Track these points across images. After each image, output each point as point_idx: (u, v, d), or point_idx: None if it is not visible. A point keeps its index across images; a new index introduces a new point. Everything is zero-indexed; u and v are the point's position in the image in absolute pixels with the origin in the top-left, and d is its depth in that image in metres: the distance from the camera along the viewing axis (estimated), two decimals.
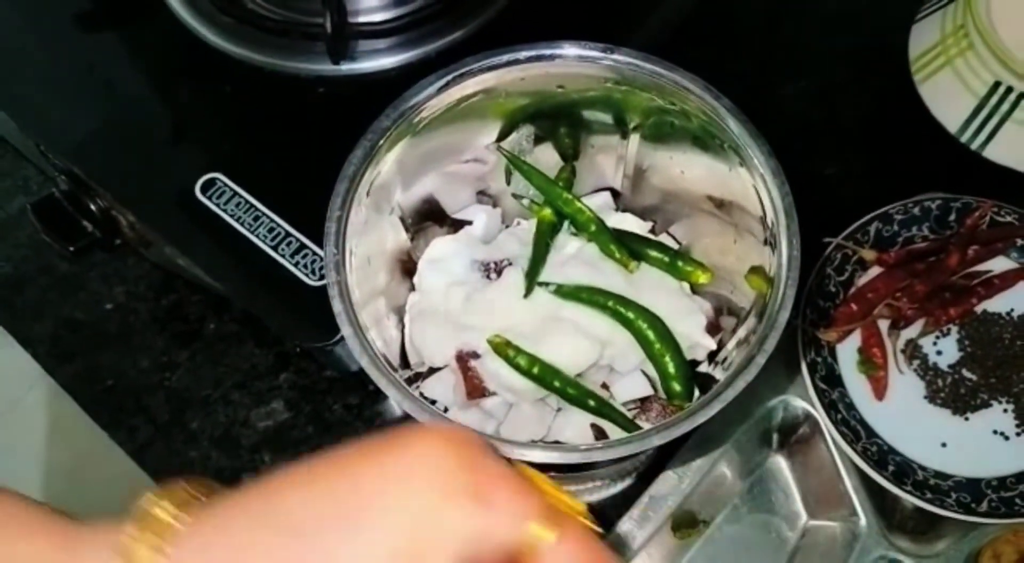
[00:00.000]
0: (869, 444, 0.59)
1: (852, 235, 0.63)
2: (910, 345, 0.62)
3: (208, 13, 0.64)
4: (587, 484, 0.61)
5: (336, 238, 0.43)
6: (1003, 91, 0.64)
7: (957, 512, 0.57)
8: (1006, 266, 0.64)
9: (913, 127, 0.70)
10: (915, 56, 0.70)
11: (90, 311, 0.70)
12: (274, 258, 0.57)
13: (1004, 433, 0.60)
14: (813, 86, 0.74)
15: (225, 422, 0.66)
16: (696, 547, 0.61)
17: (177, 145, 0.62)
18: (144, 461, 0.65)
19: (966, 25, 0.65)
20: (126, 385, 0.67)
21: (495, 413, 0.50)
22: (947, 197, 0.64)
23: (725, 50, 0.75)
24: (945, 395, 0.61)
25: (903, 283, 0.63)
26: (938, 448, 0.60)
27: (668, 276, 0.52)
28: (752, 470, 0.63)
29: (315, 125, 0.61)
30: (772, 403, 0.61)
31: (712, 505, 0.62)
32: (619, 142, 0.54)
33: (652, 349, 0.49)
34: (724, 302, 0.52)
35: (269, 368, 0.67)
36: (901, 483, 0.57)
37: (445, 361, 0.51)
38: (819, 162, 0.72)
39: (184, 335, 0.68)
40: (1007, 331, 0.63)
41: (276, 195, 0.58)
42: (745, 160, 0.45)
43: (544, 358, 0.49)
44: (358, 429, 0.65)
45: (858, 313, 0.62)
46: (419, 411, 0.40)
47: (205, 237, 0.58)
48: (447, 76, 0.47)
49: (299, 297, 0.56)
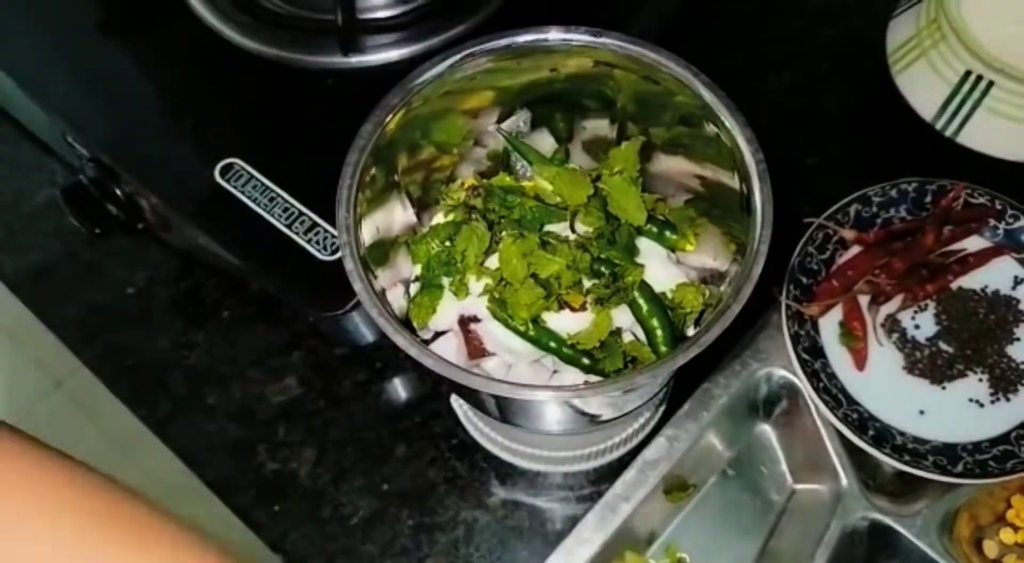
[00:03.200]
0: (850, 411, 0.62)
1: (833, 216, 0.67)
2: (889, 319, 0.66)
3: (227, 12, 0.68)
4: (589, 448, 0.64)
5: (348, 203, 0.47)
6: (974, 80, 0.68)
7: (934, 473, 0.60)
8: (980, 245, 0.68)
9: (891, 116, 0.74)
10: (892, 49, 0.74)
11: (113, 295, 0.73)
12: (288, 236, 0.61)
13: (979, 401, 0.64)
14: (797, 78, 0.79)
15: (241, 397, 0.69)
16: (687, 509, 0.65)
17: (197, 133, 0.67)
18: (165, 434, 0.68)
19: (939, 19, 0.69)
20: (147, 364, 0.71)
21: (495, 372, 0.54)
22: (923, 180, 0.68)
23: (712, 43, 0.79)
24: (923, 366, 0.65)
25: (882, 261, 0.66)
26: (916, 415, 0.63)
27: (656, 245, 0.55)
28: (740, 437, 0.66)
29: (326, 114, 0.65)
30: (759, 374, 0.64)
31: (702, 470, 0.65)
32: (609, 126, 0.58)
33: (641, 312, 0.53)
34: (708, 271, 0.56)
35: (282, 347, 0.71)
36: (880, 446, 0.60)
37: (448, 326, 0.55)
38: (802, 150, 0.76)
39: (201, 316, 0.72)
40: (981, 306, 0.66)
41: (290, 178, 0.63)
42: (722, 130, 0.49)
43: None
44: (367, 404, 0.69)
45: (839, 289, 0.66)
46: (430, 361, 0.44)
47: (224, 217, 0.62)
48: (452, 57, 0.51)
49: (313, 271, 0.60)
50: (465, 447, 0.67)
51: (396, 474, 0.66)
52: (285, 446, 0.67)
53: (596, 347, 0.52)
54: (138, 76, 0.69)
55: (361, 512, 0.65)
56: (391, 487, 0.66)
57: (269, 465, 0.67)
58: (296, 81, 0.67)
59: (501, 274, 0.52)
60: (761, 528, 0.65)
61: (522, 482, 0.67)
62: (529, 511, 0.66)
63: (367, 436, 0.68)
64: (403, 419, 0.68)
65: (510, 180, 0.56)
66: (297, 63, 0.66)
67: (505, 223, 0.55)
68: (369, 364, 0.70)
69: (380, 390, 0.69)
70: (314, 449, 0.67)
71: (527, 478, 0.67)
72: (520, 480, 0.67)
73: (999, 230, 0.68)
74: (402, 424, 0.68)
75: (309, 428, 0.68)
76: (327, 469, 0.67)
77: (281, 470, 0.67)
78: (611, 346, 0.52)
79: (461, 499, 0.66)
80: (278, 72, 0.67)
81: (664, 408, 0.66)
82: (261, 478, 0.66)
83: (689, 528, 0.65)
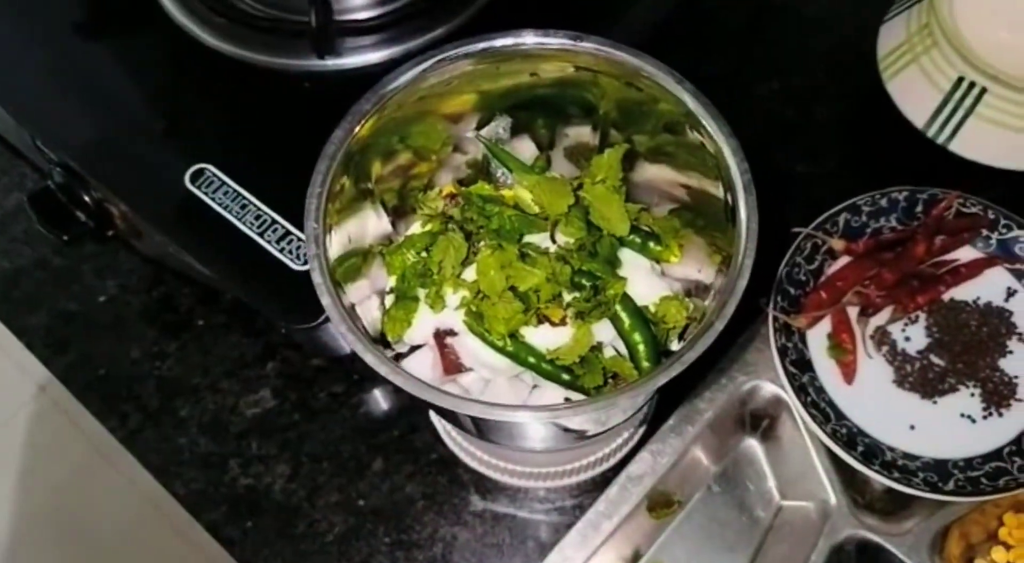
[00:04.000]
0: (838, 426, 0.61)
1: (822, 225, 0.66)
2: (879, 331, 0.64)
3: (201, 14, 0.66)
4: (572, 464, 0.62)
5: (316, 214, 0.45)
6: (966, 86, 0.66)
7: (924, 491, 0.58)
8: (972, 255, 0.66)
9: (882, 124, 0.72)
10: (883, 55, 0.72)
11: (83, 303, 0.71)
12: (260, 244, 0.59)
13: (971, 416, 0.62)
14: (787, 86, 0.77)
15: (214, 409, 0.67)
16: (672, 527, 0.63)
17: (169, 138, 0.65)
18: (134, 447, 0.66)
19: (930, 24, 0.68)
20: (118, 374, 0.69)
21: (472, 388, 0.52)
22: (914, 189, 0.67)
23: (703, 50, 0.78)
24: (913, 380, 0.63)
25: (871, 272, 0.65)
26: (906, 430, 0.62)
27: (640, 256, 0.53)
28: (726, 453, 0.65)
29: (301, 118, 0.62)
30: (746, 387, 0.63)
31: (687, 486, 0.63)
32: (591, 133, 0.56)
33: (623, 327, 0.51)
34: (692, 283, 0.54)
35: (256, 357, 0.69)
36: (870, 463, 0.59)
37: (423, 340, 0.53)
38: (792, 159, 0.74)
39: (174, 326, 0.70)
40: (973, 318, 0.65)
41: (263, 185, 0.61)
42: (707, 140, 0.47)
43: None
44: (343, 417, 0.67)
45: (827, 300, 0.64)
46: (400, 379, 0.42)
47: (194, 225, 0.60)
48: (426, 62, 0.49)
49: (285, 281, 0.58)
50: (444, 461, 0.65)
51: (373, 489, 0.65)
52: (258, 460, 0.65)
53: (576, 362, 0.50)
54: (109, 79, 0.67)
55: (336, 529, 0.63)
56: (367, 503, 0.64)
57: (242, 480, 0.65)
58: (271, 84, 0.66)
59: (478, 286, 0.51)
60: (747, 545, 0.63)
61: (503, 497, 0.65)
62: (510, 527, 0.64)
63: (343, 450, 0.66)
64: (381, 433, 0.66)
65: (489, 189, 0.55)
66: (272, 66, 0.64)
67: (483, 233, 0.53)
68: (346, 375, 0.68)
69: (357, 402, 0.68)
70: (288, 463, 0.65)
71: (508, 493, 0.65)
72: (501, 495, 0.65)
73: (992, 240, 0.66)
74: (379, 438, 0.66)
75: (283, 442, 0.66)
76: (301, 484, 0.65)
77: (254, 485, 0.65)
78: (591, 362, 0.50)
79: (440, 515, 0.64)
80: (253, 75, 0.65)
81: (648, 422, 0.65)
82: (233, 493, 0.65)
83: (674, 545, 0.63)
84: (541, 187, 0.53)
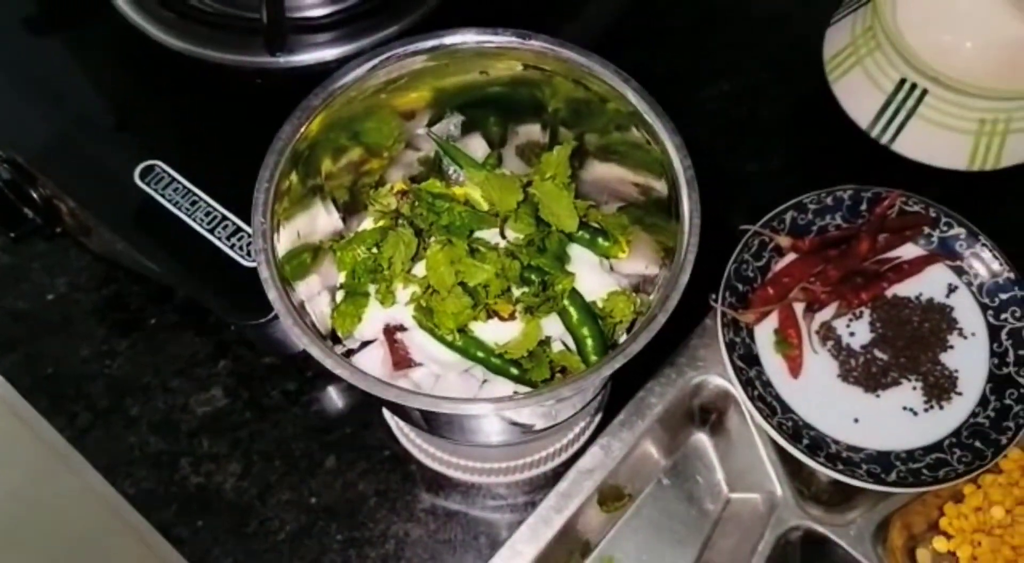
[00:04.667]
0: (784, 419, 0.62)
1: (769, 223, 0.67)
2: (824, 326, 0.66)
3: (151, 9, 0.66)
4: (523, 459, 0.63)
5: (264, 208, 0.45)
6: (908, 87, 0.68)
7: (867, 482, 0.60)
8: (915, 253, 0.68)
9: (828, 124, 0.74)
10: (829, 57, 0.74)
11: (32, 301, 0.71)
12: (210, 241, 0.59)
13: (913, 409, 0.63)
14: (736, 86, 0.78)
15: (164, 408, 0.67)
16: (623, 520, 0.64)
17: (118, 134, 0.64)
18: (84, 447, 0.66)
19: (874, 27, 0.69)
20: (67, 373, 0.68)
21: (423, 383, 0.52)
22: (858, 188, 0.68)
23: (652, 51, 0.79)
24: (858, 374, 0.64)
25: (817, 268, 0.66)
26: (851, 423, 0.63)
27: (588, 251, 0.54)
28: (676, 446, 0.66)
29: (253, 115, 0.62)
30: (695, 381, 0.64)
31: (638, 480, 0.64)
32: (542, 132, 0.56)
33: (571, 321, 0.52)
34: (640, 279, 0.55)
35: (208, 356, 0.69)
36: (815, 455, 0.60)
37: (374, 335, 0.53)
38: (740, 159, 0.75)
39: (125, 324, 0.70)
40: (916, 314, 0.66)
41: (213, 181, 0.60)
42: (652, 137, 0.48)
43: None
44: (295, 415, 0.67)
45: (774, 296, 0.65)
46: (347, 373, 0.42)
47: (143, 222, 0.60)
48: (374, 58, 0.49)
49: (235, 277, 0.58)
50: (397, 458, 0.66)
51: (325, 487, 0.65)
52: (209, 459, 0.65)
53: (524, 357, 0.51)
54: (58, 75, 0.66)
55: (288, 527, 0.63)
56: (320, 501, 0.64)
57: (193, 479, 0.65)
58: (223, 81, 0.65)
59: (428, 282, 0.51)
60: (696, 538, 0.64)
61: (455, 494, 0.65)
62: (462, 523, 0.64)
63: (295, 448, 0.66)
64: (333, 430, 0.66)
65: (440, 186, 0.55)
66: (224, 62, 0.64)
67: (434, 229, 0.53)
68: (298, 374, 0.68)
69: (310, 400, 0.67)
70: (240, 462, 0.65)
71: (460, 490, 0.65)
72: (453, 492, 0.65)
73: (933, 238, 0.68)
74: (332, 435, 0.66)
75: (234, 440, 0.66)
76: (253, 483, 0.64)
77: (205, 484, 0.64)
78: (539, 356, 0.51)
79: (392, 512, 0.64)
80: (204, 71, 0.65)
81: (600, 417, 0.65)
82: (184, 492, 0.64)
83: (624, 539, 0.64)
84: (491, 183, 0.53)
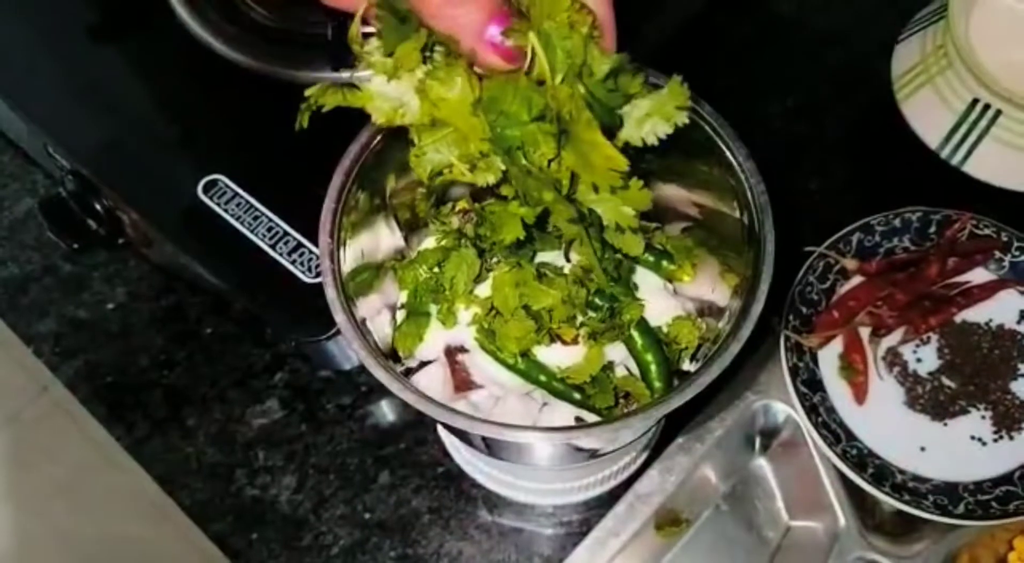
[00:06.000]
0: (849, 447, 0.60)
1: (834, 245, 0.65)
2: (890, 352, 0.64)
3: (215, 23, 0.66)
4: (580, 481, 0.62)
5: (331, 228, 0.45)
6: (981, 108, 0.66)
7: (934, 513, 0.58)
8: (985, 278, 0.66)
9: (895, 143, 0.72)
10: (897, 75, 0.72)
11: (92, 311, 0.71)
12: (272, 256, 0.59)
13: (981, 439, 0.62)
14: (799, 104, 0.77)
15: (221, 419, 0.67)
16: (679, 546, 0.63)
17: (182, 148, 0.65)
18: (141, 455, 0.66)
19: (945, 45, 0.68)
20: (125, 382, 0.69)
21: (482, 406, 0.52)
22: (927, 210, 0.66)
23: (712, 67, 0.77)
24: (924, 401, 0.63)
25: (884, 292, 0.64)
26: (917, 452, 0.61)
27: (653, 274, 0.53)
28: (735, 471, 0.64)
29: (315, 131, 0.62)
30: (755, 406, 0.63)
31: (695, 505, 0.63)
32: None
33: (636, 347, 0.51)
34: (705, 303, 0.54)
35: (265, 368, 0.69)
36: (880, 485, 0.59)
37: (434, 355, 0.53)
38: (804, 177, 0.74)
39: (183, 335, 0.70)
40: (985, 340, 0.64)
41: (275, 196, 0.61)
42: (724, 162, 0.47)
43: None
44: (350, 429, 0.67)
45: (839, 320, 0.64)
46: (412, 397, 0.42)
47: (206, 235, 0.60)
48: None
49: (296, 293, 0.58)
50: (451, 476, 0.65)
51: (379, 503, 0.64)
52: (265, 471, 0.65)
53: (587, 382, 0.50)
54: (123, 87, 0.67)
55: (342, 542, 0.63)
56: (373, 516, 0.64)
57: (248, 491, 0.65)
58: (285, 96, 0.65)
59: (491, 303, 0.50)
60: None
61: (509, 513, 0.65)
62: (516, 543, 0.64)
63: (350, 462, 0.66)
64: (388, 445, 0.66)
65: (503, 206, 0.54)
66: (286, 77, 0.64)
67: (496, 249, 0.53)
68: (354, 387, 0.68)
69: (365, 414, 0.67)
70: (294, 475, 0.65)
71: (515, 509, 0.65)
72: (507, 511, 0.65)
73: (1005, 262, 0.66)
74: (386, 450, 0.66)
75: (290, 453, 0.66)
76: (307, 496, 0.64)
77: (260, 496, 0.65)
78: (603, 381, 0.50)
79: (446, 530, 0.64)
80: (266, 86, 0.65)
81: (657, 440, 0.64)
82: (239, 504, 0.64)
83: None
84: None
